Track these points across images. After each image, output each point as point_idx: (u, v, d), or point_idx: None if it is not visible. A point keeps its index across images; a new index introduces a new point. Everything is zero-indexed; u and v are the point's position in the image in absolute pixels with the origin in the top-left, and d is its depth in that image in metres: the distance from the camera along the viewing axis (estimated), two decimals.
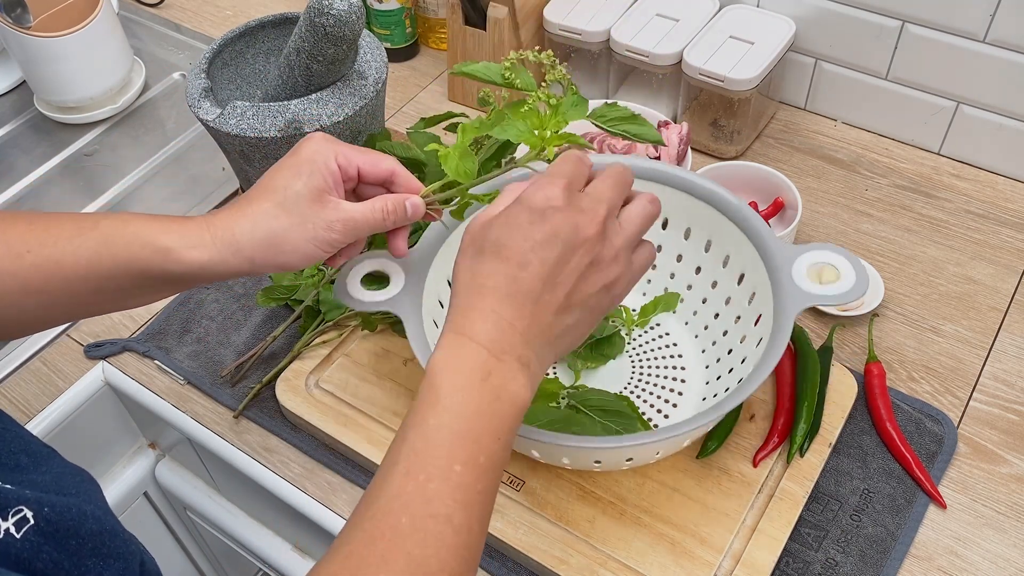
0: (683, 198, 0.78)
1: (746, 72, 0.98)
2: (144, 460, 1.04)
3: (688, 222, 0.81)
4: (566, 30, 1.07)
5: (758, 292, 0.74)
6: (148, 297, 0.65)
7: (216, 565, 1.23)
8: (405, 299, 0.70)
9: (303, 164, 0.62)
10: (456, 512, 0.49)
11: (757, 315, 0.74)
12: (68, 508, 0.48)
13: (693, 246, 0.82)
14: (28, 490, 0.47)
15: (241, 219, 0.61)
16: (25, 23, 1.09)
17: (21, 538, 0.45)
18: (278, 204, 0.61)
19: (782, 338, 0.67)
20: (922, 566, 0.73)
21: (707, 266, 0.81)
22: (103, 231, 0.61)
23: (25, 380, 0.92)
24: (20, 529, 0.45)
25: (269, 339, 0.88)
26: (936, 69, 0.99)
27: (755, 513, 0.73)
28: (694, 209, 0.78)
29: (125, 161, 1.17)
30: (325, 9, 0.79)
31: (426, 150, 0.78)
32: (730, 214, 0.76)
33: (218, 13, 1.36)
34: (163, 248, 0.60)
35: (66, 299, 0.62)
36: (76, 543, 0.47)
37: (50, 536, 0.46)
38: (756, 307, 0.74)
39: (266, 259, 0.62)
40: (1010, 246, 0.95)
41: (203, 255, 0.61)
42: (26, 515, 0.45)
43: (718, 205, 0.77)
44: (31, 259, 0.60)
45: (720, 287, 0.80)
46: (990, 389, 0.84)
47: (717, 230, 0.78)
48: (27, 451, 0.53)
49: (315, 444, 0.83)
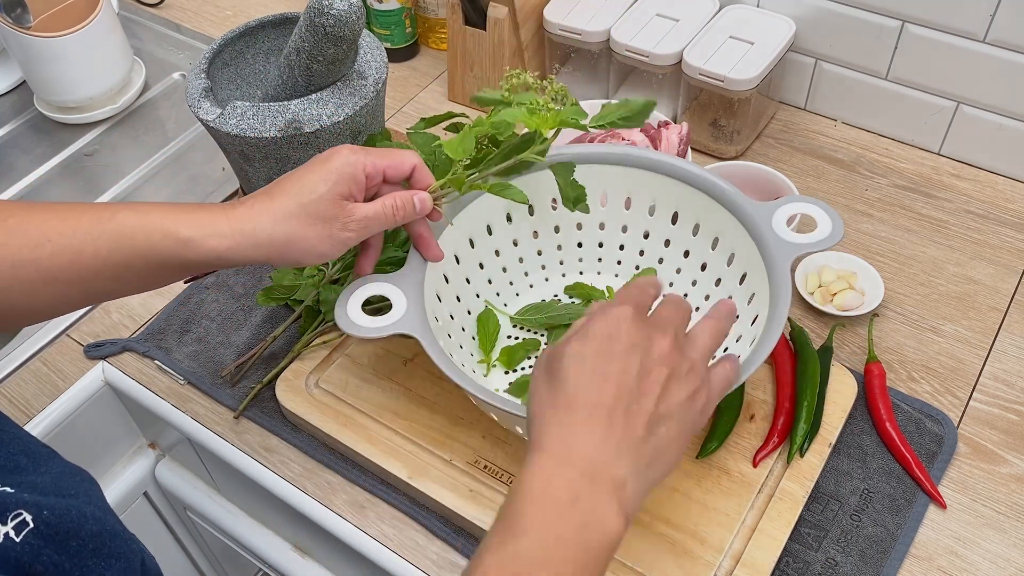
0: (664, 181, 0.79)
1: (746, 72, 0.98)
2: (144, 460, 1.04)
3: (669, 204, 0.81)
4: (566, 30, 1.07)
5: (749, 273, 0.74)
6: (164, 282, 0.66)
7: (216, 565, 1.23)
8: (413, 319, 0.70)
9: (332, 173, 0.65)
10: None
11: (751, 293, 0.74)
12: (68, 510, 0.48)
13: (681, 230, 0.82)
14: (27, 493, 0.47)
15: (263, 214, 0.63)
16: (25, 23, 1.09)
17: (21, 541, 0.45)
18: (301, 205, 0.63)
19: (784, 295, 0.68)
20: (922, 566, 0.73)
21: (695, 248, 0.81)
22: (122, 221, 0.62)
23: (25, 380, 0.92)
24: (19, 533, 0.45)
25: (269, 339, 0.88)
26: (936, 69, 0.99)
27: (755, 513, 0.73)
28: (671, 189, 0.79)
29: (125, 161, 1.17)
30: (325, 9, 0.79)
31: (433, 146, 0.79)
32: (699, 185, 0.77)
33: (218, 13, 1.36)
34: (184, 239, 0.62)
35: (84, 287, 0.63)
36: (76, 544, 0.48)
37: (50, 538, 0.46)
38: (748, 287, 0.75)
39: (282, 255, 0.64)
40: (1010, 246, 0.95)
41: (222, 244, 0.62)
42: (25, 518, 0.46)
43: (687, 178, 0.78)
44: (50, 248, 0.61)
45: (710, 269, 0.80)
46: (990, 389, 0.84)
47: (693, 205, 0.79)
48: (26, 452, 0.53)
49: (315, 444, 0.83)
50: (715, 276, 0.79)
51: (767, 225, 0.73)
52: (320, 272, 0.88)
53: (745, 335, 0.72)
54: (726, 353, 0.64)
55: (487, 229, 0.82)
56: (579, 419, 0.51)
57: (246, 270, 0.97)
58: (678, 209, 0.81)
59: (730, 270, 0.77)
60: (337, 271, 0.88)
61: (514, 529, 0.48)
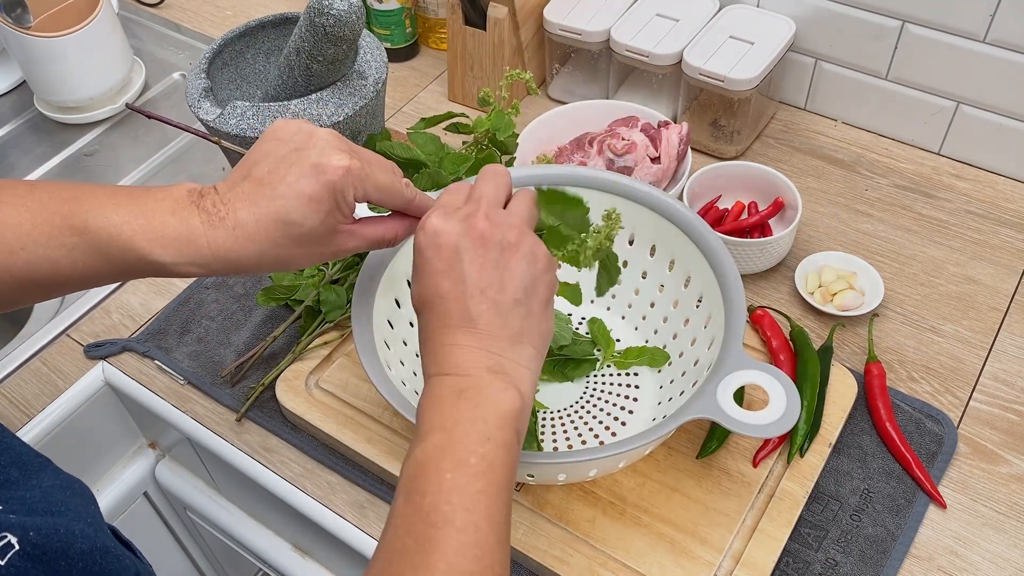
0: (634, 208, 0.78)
1: (746, 72, 0.98)
2: (144, 460, 1.04)
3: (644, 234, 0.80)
4: (566, 30, 1.07)
5: (705, 294, 0.74)
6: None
7: (216, 565, 1.23)
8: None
9: (324, 198, 0.58)
10: (456, 514, 0.49)
11: (707, 315, 0.74)
12: (55, 529, 0.47)
13: (658, 263, 0.81)
14: (13, 514, 0.47)
15: (248, 244, 0.58)
16: (25, 23, 1.09)
17: (6, 564, 0.44)
18: (290, 237, 0.58)
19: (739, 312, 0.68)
20: (922, 566, 0.73)
21: (668, 283, 0.80)
22: (95, 237, 0.58)
23: (25, 380, 0.92)
24: (4, 556, 0.44)
25: (269, 339, 0.88)
26: (936, 69, 0.99)
27: (755, 513, 0.73)
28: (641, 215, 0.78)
29: (125, 161, 1.18)
30: (325, 9, 0.79)
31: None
32: (679, 223, 0.76)
33: (218, 13, 1.36)
34: (158, 263, 0.58)
35: (57, 291, 0.62)
36: (65, 563, 0.47)
37: (37, 560, 0.45)
38: (705, 309, 0.74)
39: (267, 272, 0.62)
40: (1010, 246, 0.95)
41: (199, 270, 0.59)
42: (10, 541, 0.45)
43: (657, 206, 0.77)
44: (25, 256, 0.58)
45: (667, 292, 0.80)
46: (990, 389, 0.84)
47: (669, 240, 0.77)
48: (18, 464, 0.52)
49: (315, 444, 0.83)
50: (672, 297, 0.80)
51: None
52: (320, 272, 0.89)
53: (702, 360, 0.73)
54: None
55: None
56: (441, 339, 0.56)
57: None
58: (651, 239, 0.80)
59: (687, 292, 0.77)
60: (337, 271, 0.88)
61: (419, 434, 0.54)
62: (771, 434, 0.61)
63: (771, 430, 0.61)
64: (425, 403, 0.55)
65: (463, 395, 0.54)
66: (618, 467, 0.71)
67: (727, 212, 0.96)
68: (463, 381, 0.54)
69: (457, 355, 0.55)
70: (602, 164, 0.92)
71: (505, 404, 0.54)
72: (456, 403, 0.53)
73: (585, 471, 0.69)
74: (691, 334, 0.77)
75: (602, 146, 0.92)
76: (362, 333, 0.70)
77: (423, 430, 0.54)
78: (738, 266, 0.77)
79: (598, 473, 0.70)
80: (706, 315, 0.74)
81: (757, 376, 0.64)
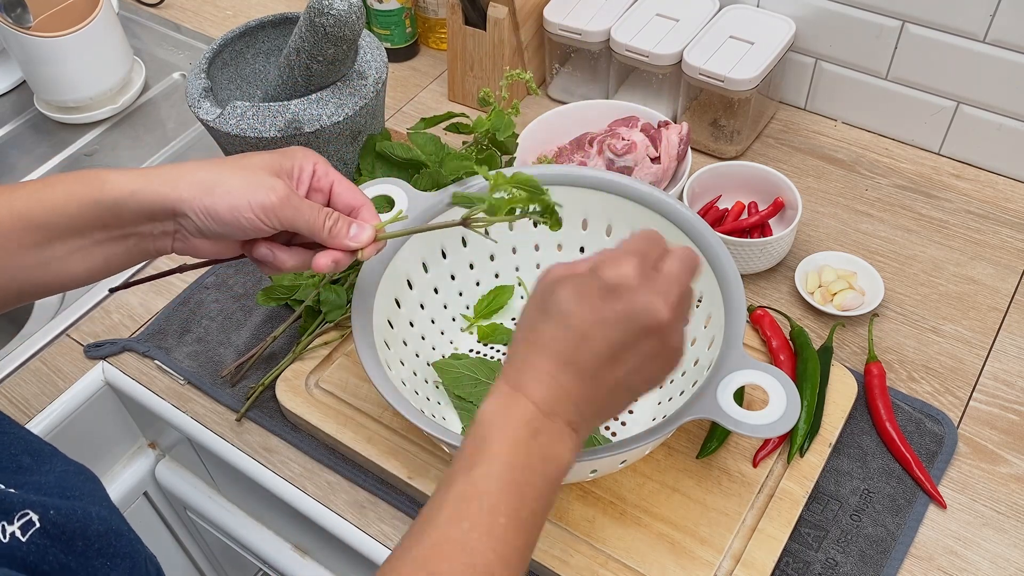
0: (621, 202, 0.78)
1: (746, 72, 0.98)
2: (144, 460, 1.04)
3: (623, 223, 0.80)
4: (566, 30, 1.07)
5: (705, 294, 0.74)
6: None
7: (216, 565, 1.23)
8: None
9: (282, 153, 0.63)
10: (495, 565, 0.48)
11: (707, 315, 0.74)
12: (73, 510, 0.48)
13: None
14: (33, 494, 0.48)
15: (192, 164, 0.60)
16: (25, 23, 1.09)
17: (27, 541, 0.45)
18: (234, 162, 0.61)
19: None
20: (922, 566, 0.73)
21: None
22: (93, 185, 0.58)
23: (25, 380, 0.92)
24: (26, 532, 0.45)
25: (269, 339, 0.88)
26: (936, 69, 0.99)
27: (755, 513, 0.73)
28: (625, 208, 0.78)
29: (125, 161, 1.17)
30: (325, 9, 0.79)
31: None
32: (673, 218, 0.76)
33: (218, 13, 1.36)
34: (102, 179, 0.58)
35: None
36: (83, 544, 0.48)
37: (56, 538, 0.46)
38: (705, 308, 0.74)
39: (193, 196, 0.58)
40: (1010, 246, 0.95)
41: (135, 184, 0.58)
42: (32, 519, 0.46)
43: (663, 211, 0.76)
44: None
45: None
46: (990, 389, 0.84)
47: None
48: (29, 451, 0.53)
49: (315, 444, 0.83)
50: None
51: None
52: None
53: (702, 360, 0.73)
54: None
55: (441, 253, 0.82)
56: (551, 365, 0.52)
57: (246, 270, 0.97)
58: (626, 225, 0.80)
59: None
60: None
61: (483, 454, 0.51)
62: (771, 434, 0.61)
63: (771, 430, 0.61)
64: (497, 414, 0.52)
65: (538, 438, 0.52)
66: (618, 467, 0.71)
67: (727, 212, 0.96)
68: (544, 423, 0.52)
69: (553, 390, 0.52)
70: (602, 164, 0.92)
71: (565, 466, 0.53)
72: (529, 443, 0.51)
73: (585, 471, 0.68)
74: (691, 334, 0.77)
75: (602, 146, 0.92)
76: (362, 333, 0.70)
77: (490, 445, 0.51)
78: (738, 266, 0.77)
79: (598, 473, 0.70)
80: (706, 315, 0.74)
81: (757, 376, 0.64)
